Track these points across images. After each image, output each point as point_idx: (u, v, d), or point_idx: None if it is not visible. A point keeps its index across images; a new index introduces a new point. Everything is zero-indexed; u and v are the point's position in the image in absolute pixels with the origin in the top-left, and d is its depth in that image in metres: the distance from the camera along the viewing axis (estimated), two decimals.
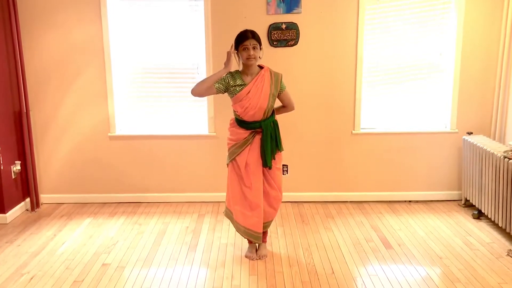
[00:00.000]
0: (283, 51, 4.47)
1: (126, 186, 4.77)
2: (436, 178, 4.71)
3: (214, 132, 4.64)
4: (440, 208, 4.54)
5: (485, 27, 4.42)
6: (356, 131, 4.62)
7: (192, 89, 3.26)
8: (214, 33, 4.45)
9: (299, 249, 3.67)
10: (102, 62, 4.50)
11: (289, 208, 4.56)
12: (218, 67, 4.40)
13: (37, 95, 4.57)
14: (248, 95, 3.22)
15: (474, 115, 4.59)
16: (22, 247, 3.74)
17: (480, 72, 4.50)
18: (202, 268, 3.37)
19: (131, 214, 4.46)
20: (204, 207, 4.64)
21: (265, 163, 3.33)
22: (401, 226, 4.10)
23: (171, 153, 4.70)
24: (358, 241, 3.80)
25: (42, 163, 4.71)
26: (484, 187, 4.01)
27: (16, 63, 4.32)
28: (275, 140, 3.34)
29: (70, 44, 4.48)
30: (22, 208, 4.53)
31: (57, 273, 3.30)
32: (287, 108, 3.48)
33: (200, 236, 3.93)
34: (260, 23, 4.34)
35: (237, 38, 3.22)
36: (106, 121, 4.62)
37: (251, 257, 3.49)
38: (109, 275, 3.27)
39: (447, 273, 3.24)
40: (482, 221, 4.17)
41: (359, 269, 3.33)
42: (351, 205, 4.66)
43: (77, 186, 4.76)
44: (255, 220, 3.41)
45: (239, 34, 3.23)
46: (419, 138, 4.63)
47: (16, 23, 4.27)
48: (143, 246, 3.75)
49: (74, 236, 3.96)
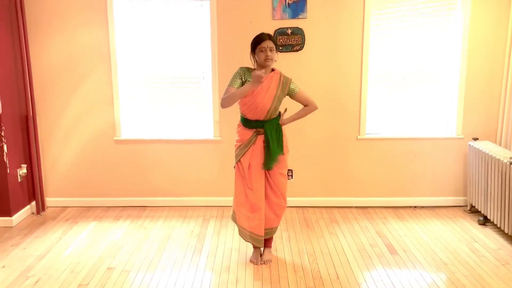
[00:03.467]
0: (288, 56, 4.48)
1: (131, 190, 4.78)
2: (442, 184, 4.69)
3: (219, 137, 4.64)
4: (445, 214, 4.52)
5: (490, 33, 4.41)
6: (362, 136, 4.62)
7: (221, 104, 3.29)
8: (220, 38, 4.47)
9: (303, 254, 3.66)
10: (109, 67, 4.52)
11: (293, 213, 4.55)
12: (224, 72, 4.43)
13: (44, 99, 4.59)
14: (254, 93, 3.25)
15: (479, 121, 4.57)
16: (28, 250, 3.75)
17: (486, 77, 4.49)
18: (206, 273, 3.37)
19: (136, 218, 4.47)
20: (209, 211, 4.64)
21: (266, 165, 3.35)
22: (406, 232, 4.08)
23: (176, 157, 4.71)
24: (363, 247, 3.79)
25: (48, 166, 4.73)
26: (489, 193, 3.99)
27: (23, 67, 4.35)
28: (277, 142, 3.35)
29: (76, 48, 4.50)
30: (28, 211, 4.55)
31: (62, 276, 3.31)
32: (310, 107, 3.46)
33: (205, 241, 3.93)
34: (266, 28, 4.35)
35: (254, 40, 3.27)
36: (112, 125, 4.64)
37: (256, 262, 3.49)
38: (114, 279, 3.27)
39: (453, 280, 3.22)
40: (488, 227, 4.15)
41: (364, 274, 3.32)
42: (356, 210, 4.65)
43: (82, 189, 4.77)
44: (256, 223, 3.41)
45: (255, 36, 3.27)
46: (425, 144, 4.62)
47: (24, 27, 4.30)
48: (148, 250, 3.75)
49: (79, 239, 3.97)
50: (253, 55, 3.31)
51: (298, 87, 3.40)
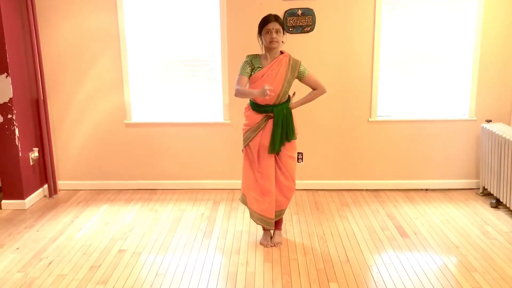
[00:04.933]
0: (298, 38, 4.42)
1: (142, 173, 4.80)
2: (454, 166, 4.65)
3: (229, 120, 4.63)
4: (457, 196, 4.49)
5: (505, 14, 4.31)
6: (373, 118, 4.57)
7: (235, 94, 3.28)
8: (229, 20, 4.43)
9: (314, 237, 3.66)
10: (118, 50, 4.51)
11: (304, 196, 4.55)
12: (233, 54, 4.41)
13: (54, 83, 4.61)
14: (263, 77, 3.23)
15: (493, 103, 4.50)
16: (41, 232, 3.80)
17: (500, 59, 4.41)
18: (217, 255, 3.39)
19: (147, 201, 4.50)
20: (220, 194, 4.65)
21: (271, 149, 3.33)
22: (417, 215, 4.06)
23: (186, 141, 4.71)
24: (373, 230, 3.78)
25: (59, 150, 4.77)
26: (502, 176, 3.95)
27: (33, 51, 4.36)
28: (287, 127, 3.33)
29: (86, 31, 4.49)
30: (40, 194, 4.60)
31: (74, 258, 3.35)
32: (318, 90, 3.41)
33: (215, 223, 3.95)
34: (276, 9, 4.29)
35: (261, 22, 3.23)
36: (122, 108, 4.64)
37: (266, 244, 3.50)
38: (126, 260, 3.31)
39: (464, 262, 3.21)
40: (500, 210, 4.11)
41: (374, 257, 3.32)
42: (367, 193, 4.63)
43: (93, 173, 4.81)
44: (267, 206, 3.42)
45: (263, 18, 3.23)
46: (437, 126, 4.56)
47: (33, 11, 4.29)
48: (159, 232, 3.78)
49: (91, 222, 4.01)
50: (260, 37, 3.28)
51: (307, 70, 3.36)
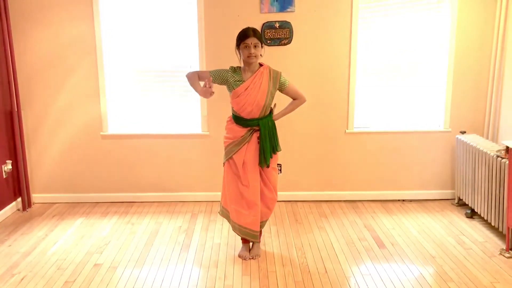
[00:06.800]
0: (276, 50, 4.45)
1: (119, 185, 4.74)
2: (430, 177, 4.71)
3: (207, 131, 4.61)
4: (433, 207, 4.55)
5: (478, 27, 4.42)
6: (350, 130, 4.61)
7: (186, 74, 3.39)
8: (207, 31, 4.43)
9: (292, 248, 3.66)
10: (94, 60, 4.46)
11: (282, 208, 4.55)
12: (211, 66, 4.40)
13: (29, 94, 4.52)
14: (246, 91, 3.23)
15: (467, 114, 4.59)
16: (13, 247, 3.70)
17: (474, 71, 4.51)
18: (194, 268, 3.35)
19: (123, 214, 4.43)
20: (197, 206, 4.61)
21: (263, 162, 3.33)
22: (395, 225, 4.10)
23: (164, 152, 4.67)
24: (351, 240, 3.79)
25: (33, 162, 4.67)
26: (477, 186, 4.02)
27: (7, 61, 4.28)
28: (273, 140, 3.35)
29: (62, 42, 4.44)
30: (13, 208, 4.49)
31: (48, 273, 3.27)
32: (299, 100, 3.45)
33: (193, 236, 3.91)
34: (254, 22, 4.31)
35: (239, 36, 3.23)
36: (98, 119, 4.58)
37: (245, 257, 3.48)
38: (101, 275, 3.24)
39: (440, 273, 3.24)
40: (475, 220, 4.17)
41: (352, 268, 3.33)
42: (345, 204, 4.66)
43: (69, 185, 4.72)
44: (252, 219, 3.40)
45: (241, 31, 3.24)
46: (413, 137, 4.63)
47: (7, 21, 4.22)
48: (136, 246, 3.72)
49: (66, 236, 3.92)
50: (238, 50, 3.28)
51: (287, 81, 3.38)
